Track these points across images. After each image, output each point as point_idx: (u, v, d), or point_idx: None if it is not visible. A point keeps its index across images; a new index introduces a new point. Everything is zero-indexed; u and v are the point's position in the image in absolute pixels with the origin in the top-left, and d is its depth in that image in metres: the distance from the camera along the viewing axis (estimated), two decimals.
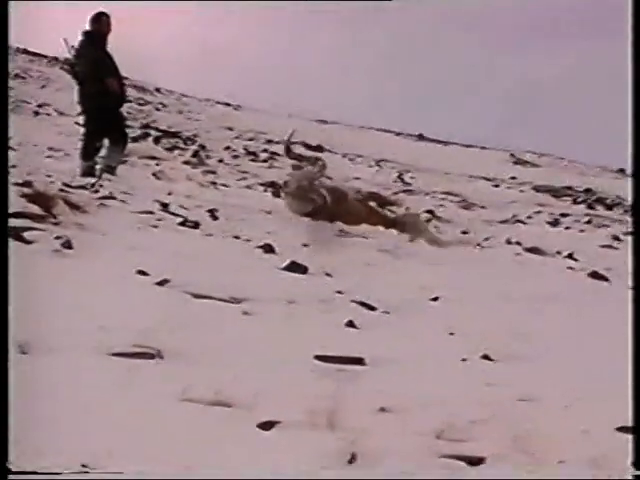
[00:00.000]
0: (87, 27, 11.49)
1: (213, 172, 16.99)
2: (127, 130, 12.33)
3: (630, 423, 3.11)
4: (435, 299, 5.72)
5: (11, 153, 11.56)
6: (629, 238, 15.33)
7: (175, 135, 23.29)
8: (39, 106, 24.17)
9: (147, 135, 21.92)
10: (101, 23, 11.45)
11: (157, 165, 16.27)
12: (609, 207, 21.86)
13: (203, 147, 21.74)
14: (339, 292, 5.54)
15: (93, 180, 10.39)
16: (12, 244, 4.97)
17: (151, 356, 3.53)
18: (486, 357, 4.16)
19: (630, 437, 3.04)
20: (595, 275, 8.19)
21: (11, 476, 2.55)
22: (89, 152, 11.47)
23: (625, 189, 26.72)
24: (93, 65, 11.24)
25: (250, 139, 26.96)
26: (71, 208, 7.03)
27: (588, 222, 17.44)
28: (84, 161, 11.42)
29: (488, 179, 26.20)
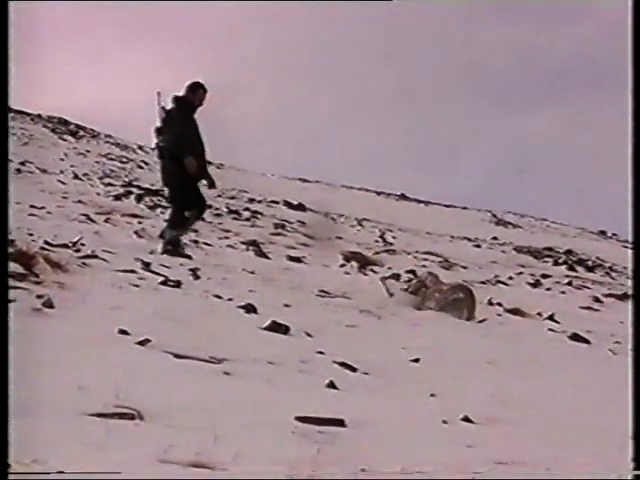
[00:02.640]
0: (180, 93, 11.26)
1: (195, 230, 17.01)
2: (205, 203, 11.94)
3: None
4: (416, 360, 5.73)
5: None
6: (610, 300, 15.43)
7: (157, 193, 23.32)
8: (21, 163, 24.19)
9: (129, 193, 21.96)
10: (195, 94, 11.22)
11: (139, 223, 16.28)
12: (590, 269, 21.97)
13: None
14: (320, 352, 5.54)
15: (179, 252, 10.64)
16: None
17: (131, 416, 3.51)
18: (467, 419, 4.15)
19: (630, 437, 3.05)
20: (576, 337, 8.22)
21: (11, 476, 2.54)
22: (175, 223, 11.30)
23: (605, 251, 26.90)
24: (175, 141, 11.02)
25: (232, 197, 27.03)
26: (52, 267, 7.02)
27: (569, 283, 17.51)
28: (173, 230, 11.23)
29: (469, 239, 26.33)
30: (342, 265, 14.85)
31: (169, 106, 11.15)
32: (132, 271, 8.22)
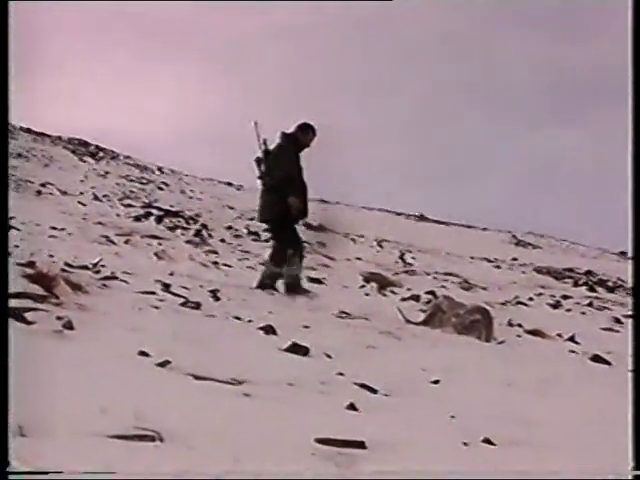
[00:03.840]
0: (289, 130, 11.09)
1: (215, 252, 17.05)
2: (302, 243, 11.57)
3: None
4: (436, 382, 5.71)
5: (14, 232, 11.62)
6: (630, 321, 15.34)
7: (177, 214, 23.40)
8: (42, 185, 24.32)
9: (149, 214, 22.03)
10: (306, 135, 11.04)
11: (159, 245, 16.33)
12: (610, 289, 21.87)
13: (205, 226, 21.84)
14: (340, 374, 5.53)
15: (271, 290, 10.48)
16: (13, 324, 4.98)
17: (151, 438, 3.51)
18: (487, 441, 4.13)
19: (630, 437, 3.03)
20: (596, 359, 8.17)
21: (11, 476, 2.54)
22: (278, 259, 10.97)
23: (626, 272, 26.78)
24: (284, 180, 10.81)
25: (251, 219, 27.04)
26: (73, 288, 7.04)
27: (589, 304, 17.43)
28: (274, 266, 10.98)
29: (489, 260, 26.28)
30: (362, 286, 14.83)
31: (275, 141, 11.04)
32: (152, 292, 8.24)
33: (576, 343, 9.80)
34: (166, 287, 8.88)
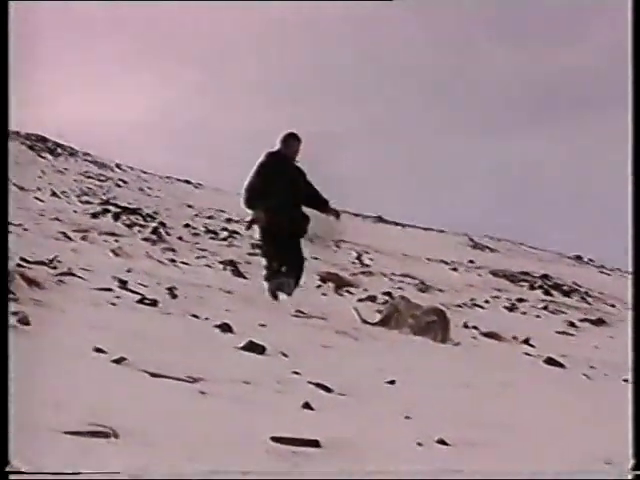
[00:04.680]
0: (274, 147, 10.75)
1: (172, 250, 17.01)
2: (304, 262, 11.00)
3: None
4: (392, 382, 5.73)
5: None
6: (585, 325, 15.50)
7: (135, 212, 23.30)
8: None
9: (107, 211, 21.94)
10: (289, 146, 10.70)
11: (116, 242, 16.27)
12: (566, 293, 22.04)
13: (163, 224, 21.77)
14: (296, 373, 5.53)
15: (283, 296, 10.13)
16: None
17: (106, 435, 3.50)
18: (442, 442, 4.15)
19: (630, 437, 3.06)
20: (551, 361, 8.24)
21: (11, 476, 2.53)
22: (271, 274, 10.55)
23: (581, 276, 26.99)
24: (244, 195, 10.65)
25: (210, 217, 27.03)
26: (29, 284, 7.00)
27: (544, 308, 17.58)
28: (268, 282, 10.56)
29: (446, 262, 26.38)
30: (318, 286, 14.87)
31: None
32: (109, 289, 8.20)
33: (531, 346, 9.89)
34: (123, 284, 8.84)
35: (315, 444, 3.78)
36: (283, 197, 10.42)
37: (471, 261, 28.24)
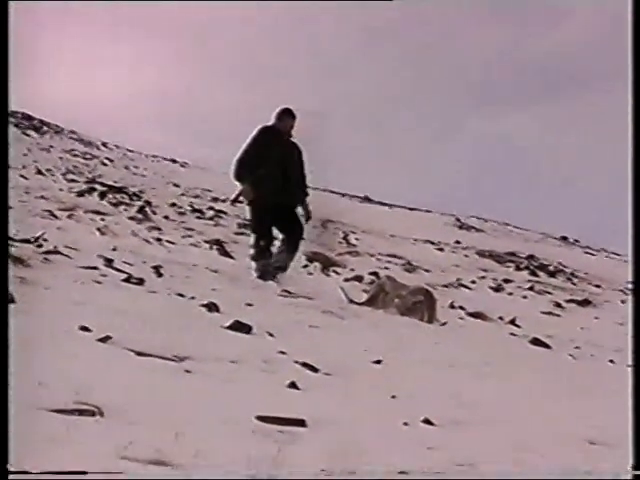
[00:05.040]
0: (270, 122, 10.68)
1: (158, 228, 16.98)
2: (301, 234, 10.85)
3: None
4: (378, 362, 5.73)
5: None
6: (571, 305, 15.55)
7: (121, 190, 23.25)
8: None
9: (93, 190, 21.89)
10: (284, 121, 10.65)
11: (102, 220, 16.23)
12: (551, 274, 22.11)
13: (149, 203, 21.73)
14: (282, 352, 5.53)
15: (271, 281, 9.90)
16: None
17: (91, 413, 3.49)
18: (427, 421, 4.16)
19: (630, 437, 3.07)
20: (536, 342, 8.27)
21: (11, 476, 2.52)
22: (258, 252, 10.48)
23: (567, 257, 27.09)
24: (233, 167, 10.52)
25: (196, 196, 27.02)
26: (14, 262, 6.97)
27: (530, 288, 17.64)
28: (255, 262, 10.47)
29: (432, 242, 26.43)
30: (305, 266, 14.87)
31: None
32: (94, 268, 8.18)
33: (517, 326, 9.93)
34: (109, 262, 8.82)
35: (301, 423, 3.78)
36: (272, 169, 10.41)
37: (457, 241, 28.32)
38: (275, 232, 10.54)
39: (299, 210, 10.84)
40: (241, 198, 10.61)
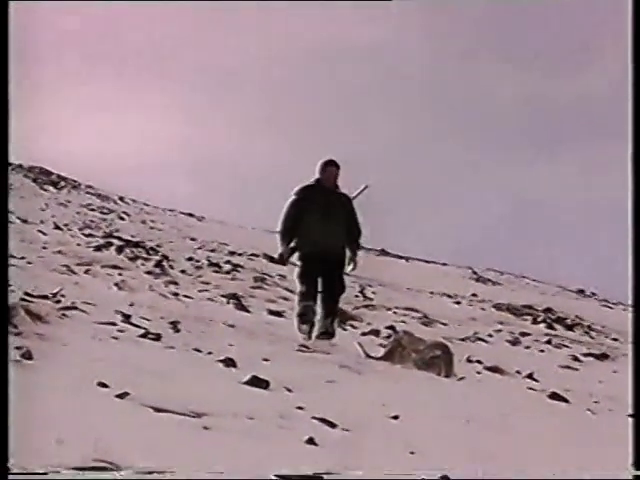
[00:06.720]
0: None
1: (175, 283, 16.98)
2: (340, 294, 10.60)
3: None
4: (396, 417, 5.71)
5: None
6: (589, 359, 15.47)
7: (138, 245, 23.31)
8: None
9: (110, 244, 21.93)
10: (327, 173, 10.45)
11: (119, 275, 16.25)
12: (569, 327, 21.98)
13: (166, 257, 21.76)
14: (300, 408, 5.52)
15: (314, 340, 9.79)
16: None
17: (110, 470, 3.50)
18: (446, 478, 4.14)
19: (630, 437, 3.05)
20: (555, 396, 8.22)
21: (11, 476, 2.52)
22: (303, 313, 10.24)
23: (584, 310, 26.96)
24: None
25: (212, 250, 27.03)
26: (32, 318, 7.00)
27: (548, 342, 17.52)
28: (300, 324, 10.23)
29: (449, 295, 26.35)
30: None
31: None
32: (112, 323, 8.20)
33: (535, 380, 9.85)
34: (126, 318, 8.84)
35: None
36: (314, 227, 10.27)
37: (474, 294, 28.20)
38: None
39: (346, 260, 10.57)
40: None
